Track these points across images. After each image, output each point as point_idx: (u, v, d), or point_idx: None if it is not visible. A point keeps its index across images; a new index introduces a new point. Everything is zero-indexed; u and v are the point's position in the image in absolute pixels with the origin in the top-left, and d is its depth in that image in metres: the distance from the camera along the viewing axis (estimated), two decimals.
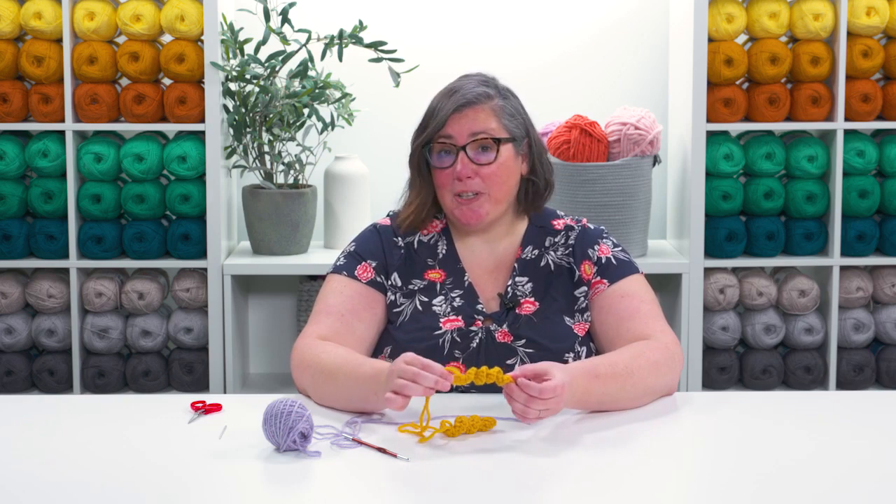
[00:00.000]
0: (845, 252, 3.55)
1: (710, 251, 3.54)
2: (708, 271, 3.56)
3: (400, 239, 2.36)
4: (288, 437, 1.89)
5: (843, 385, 3.61)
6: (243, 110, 3.49)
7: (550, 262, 2.34)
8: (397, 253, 2.34)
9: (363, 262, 2.33)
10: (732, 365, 3.61)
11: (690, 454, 1.94)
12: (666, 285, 3.70)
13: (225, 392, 3.50)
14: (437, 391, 1.97)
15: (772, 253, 3.56)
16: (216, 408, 2.14)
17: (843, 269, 3.58)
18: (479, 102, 2.29)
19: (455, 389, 2.24)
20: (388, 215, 2.41)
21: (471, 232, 2.35)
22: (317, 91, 3.48)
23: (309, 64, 3.49)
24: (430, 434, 1.97)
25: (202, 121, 3.46)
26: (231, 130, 3.52)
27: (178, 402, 2.18)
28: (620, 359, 2.17)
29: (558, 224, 2.39)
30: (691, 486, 1.82)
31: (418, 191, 2.34)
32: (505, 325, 2.28)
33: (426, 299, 2.30)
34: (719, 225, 3.53)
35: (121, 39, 3.55)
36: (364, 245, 2.36)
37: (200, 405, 2.14)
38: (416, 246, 2.35)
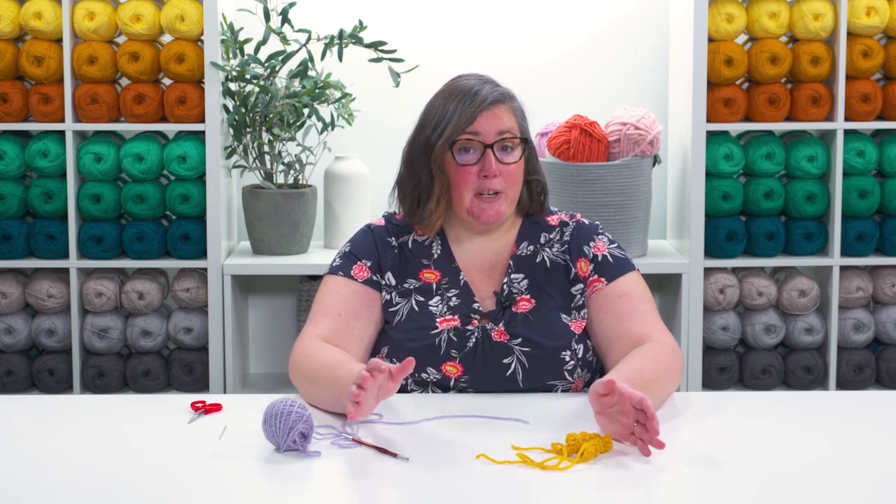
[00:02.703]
0: (845, 252, 3.55)
1: (710, 251, 3.54)
2: (708, 271, 3.56)
3: (394, 239, 2.36)
4: (288, 437, 1.89)
5: (843, 385, 3.61)
6: (243, 110, 3.49)
7: (546, 258, 2.34)
8: (391, 252, 2.34)
9: (359, 262, 2.33)
10: (732, 365, 3.60)
11: (690, 454, 1.94)
12: (666, 285, 3.69)
13: (225, 392, 3.50)
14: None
15: (772, 253, 3.56)
16: (216, 408, 2.14)
17: (843, 269, 3.58)
18: (504, 101, 2.29)
19: (456, 390, 2.24)
20: (383, 216, 2.41)
21: (472, 231, 2.34)
22: (317, 91, 3.48)
23: (309, 64, 3.49)
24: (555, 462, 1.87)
25: (202, 121, 3.46)
26: (231, 130, 3.52)
27: (178, 402, 2.18)
28: (643, 364, 2.14)
29: (552, 220, 2.39)
30: (691, 486, 1.82)
31: (443, 187, 2.29)
32: (501, 324, 2.27)
33: (422, 299, 2.30)
34: (719, 225, 3.53)
35: (121, 39, 3.55)
36: (359, 245, 2.36)
37: (200, 405, 2.14)
38: (410, 246, 2.35)
